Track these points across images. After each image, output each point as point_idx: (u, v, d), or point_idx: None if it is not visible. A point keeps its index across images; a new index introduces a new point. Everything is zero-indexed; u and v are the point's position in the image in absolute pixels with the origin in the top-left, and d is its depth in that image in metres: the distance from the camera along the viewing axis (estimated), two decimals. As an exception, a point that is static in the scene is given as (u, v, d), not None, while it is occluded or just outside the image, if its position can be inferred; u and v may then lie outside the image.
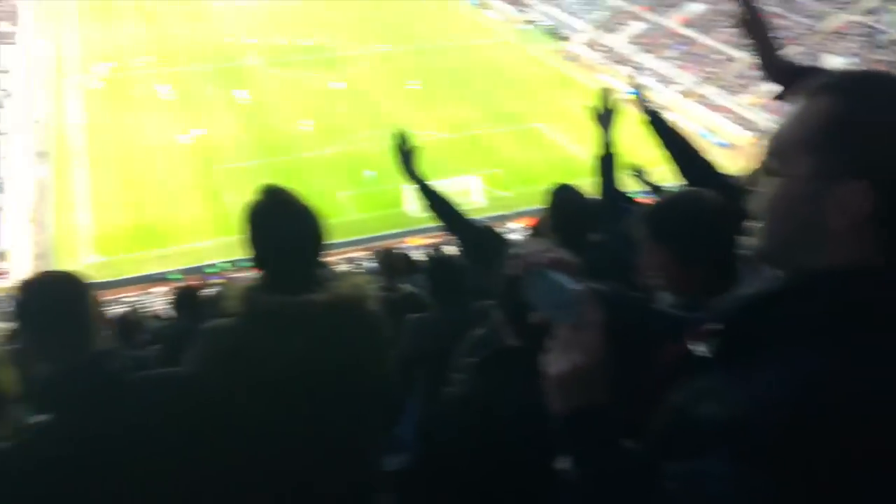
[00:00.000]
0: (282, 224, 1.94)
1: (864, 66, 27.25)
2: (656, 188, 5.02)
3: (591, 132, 3.53)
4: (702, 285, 1.80)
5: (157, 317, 7.78)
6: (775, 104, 3.31)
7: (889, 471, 0.86)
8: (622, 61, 45.65)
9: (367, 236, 26.01)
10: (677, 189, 2.70)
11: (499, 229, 4.03)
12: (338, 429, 1.96)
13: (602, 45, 48.96)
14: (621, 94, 3.61)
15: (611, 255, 2.83)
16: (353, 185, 31.91)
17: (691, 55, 44.80)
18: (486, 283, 2.06)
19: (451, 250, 6.18)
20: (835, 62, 35.96)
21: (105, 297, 18.19)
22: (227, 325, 1.93)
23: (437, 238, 23.49)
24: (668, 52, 45.97)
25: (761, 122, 34.97)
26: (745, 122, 37.25)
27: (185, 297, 5.29)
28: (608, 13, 52.22)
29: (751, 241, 1.09)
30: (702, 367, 1.06)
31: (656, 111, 3.03)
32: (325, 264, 2.06)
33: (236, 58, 44.34)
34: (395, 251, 4.86)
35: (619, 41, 48.86)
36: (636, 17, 50.43)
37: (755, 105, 37.10)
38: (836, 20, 42.13)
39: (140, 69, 42.22)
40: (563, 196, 3.27)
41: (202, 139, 35.45)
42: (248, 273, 2.08)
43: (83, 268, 24.72)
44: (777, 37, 2.52)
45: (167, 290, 9.55)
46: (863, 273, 0.97)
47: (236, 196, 30.97)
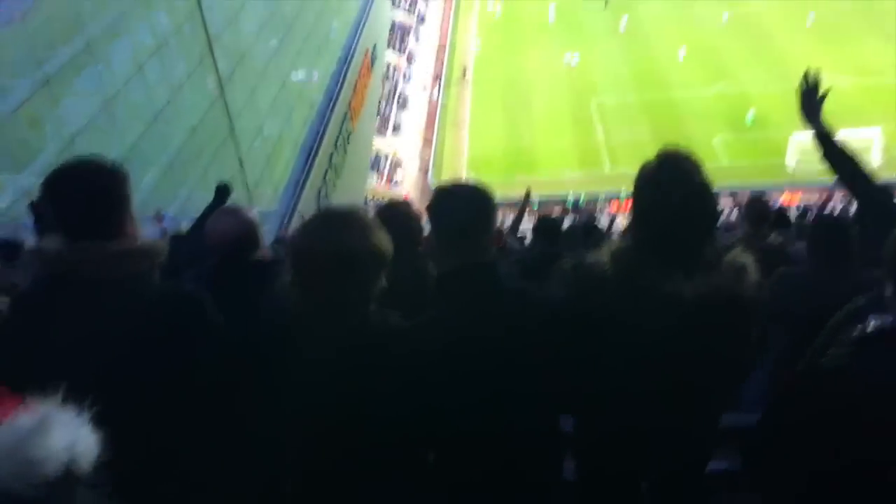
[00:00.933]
0: (675, 199, 1.81)
1: None
2: None
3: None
4: None
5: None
6: None
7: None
8: None
9: (737, 185, 23.85)
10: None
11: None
12: (688, 392, 1.92)
13: None
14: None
15: None
16: (731, 129, 29.69)
17: None
18: (879, 250, 1.72)
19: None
20: None
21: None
22: (598, 274, 1.91)
23: (815, 195, 20.87)
24: None
25: None
26: None
27: (547, 226, 5.56)
28: None
29: None
30: None
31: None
32: (713, 240, 1.91)
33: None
34: (765, 200, 4.35)
35: None
36: None
37: None
38: None
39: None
40: None
41: (582, 66, 36.01)
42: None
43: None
44: None
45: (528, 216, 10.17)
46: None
47: (608, 131, 31.28)
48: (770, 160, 26.64)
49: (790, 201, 21.51)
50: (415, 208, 2.88)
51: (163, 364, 1.71)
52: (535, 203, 24.18)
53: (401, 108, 36.59)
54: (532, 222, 9.38)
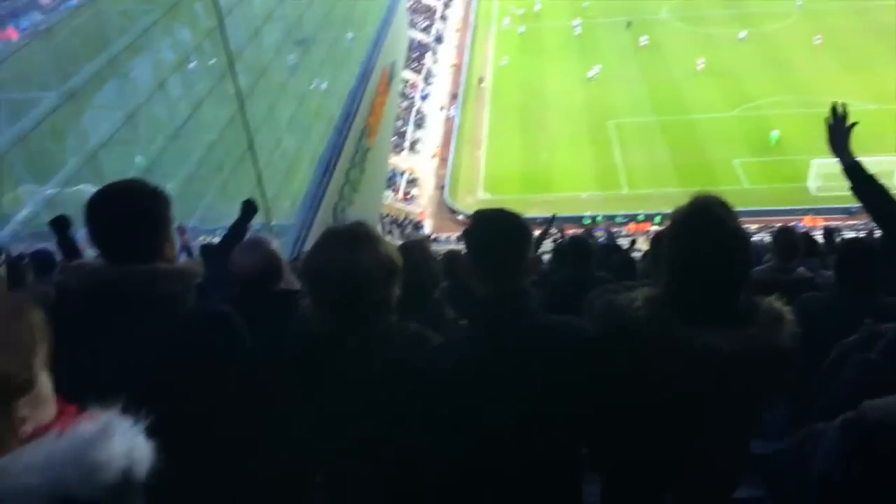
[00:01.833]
0: (708, 247, 1.76)
1: None
2: None
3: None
4: None
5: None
6: None
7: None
8: None
9: (757, 209, 23.66)
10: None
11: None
12: (717, 428, 1.89)
13: None
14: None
15: None
16: (751, 152, 29.52)
17: None
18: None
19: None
20: None
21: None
22: (631, 318, 1.86)
23: (836, 220, 20.67)
24: None
25: None
26: None
27: (578, 247, 5.11)
28: None
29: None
30: None
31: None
32: (746, 290, 1.84)
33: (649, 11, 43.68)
34: (794, 230, 4.28)
35: None
36: None
37: None
38: None
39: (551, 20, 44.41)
40: None
41: (600, 86, 36.08)
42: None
43: (476, 203, 27.57)
44: None
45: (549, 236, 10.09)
46: None
47: (625, 152, 31.20)
48: (791, 184, 26.44)
49: (812, 225, 21.30)
50: (430, 248, 2.94)
51: (201, 378, 1.75)
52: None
53: (417, 126, 36.78)
54: (554, 243, 9.35)
